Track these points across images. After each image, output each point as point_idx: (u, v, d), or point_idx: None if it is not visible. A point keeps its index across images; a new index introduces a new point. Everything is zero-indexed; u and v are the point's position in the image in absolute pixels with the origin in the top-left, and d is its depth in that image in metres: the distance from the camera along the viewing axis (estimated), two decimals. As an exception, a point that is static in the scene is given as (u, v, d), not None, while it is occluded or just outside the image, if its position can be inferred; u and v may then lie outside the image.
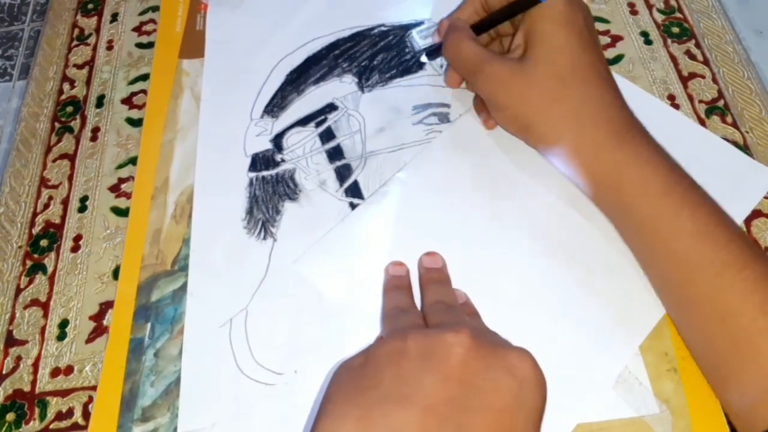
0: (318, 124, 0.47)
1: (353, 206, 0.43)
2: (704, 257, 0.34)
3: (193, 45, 0.52)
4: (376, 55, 0.50)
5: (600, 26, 0.51)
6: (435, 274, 0.39)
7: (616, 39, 0.50)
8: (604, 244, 0.40)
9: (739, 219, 0.41)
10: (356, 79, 0.49)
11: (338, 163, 0.45)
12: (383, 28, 0.51)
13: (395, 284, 0.39)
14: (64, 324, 0.41)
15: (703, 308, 0.34)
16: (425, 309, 0.36)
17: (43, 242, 0.45)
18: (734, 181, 0.42)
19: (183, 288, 0.41)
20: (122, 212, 0.45)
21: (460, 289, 0.39)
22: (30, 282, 0.43)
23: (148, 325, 0.40)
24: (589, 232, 0.40)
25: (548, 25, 0.38)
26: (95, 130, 0.50)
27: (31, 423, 0.38)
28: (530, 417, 0.28)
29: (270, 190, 0.44)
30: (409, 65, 0.49)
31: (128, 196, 0.46)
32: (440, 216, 0.42)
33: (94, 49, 0.54)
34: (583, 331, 0.38)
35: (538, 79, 0.38)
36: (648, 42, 0.50)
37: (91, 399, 0.39)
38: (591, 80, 0.38)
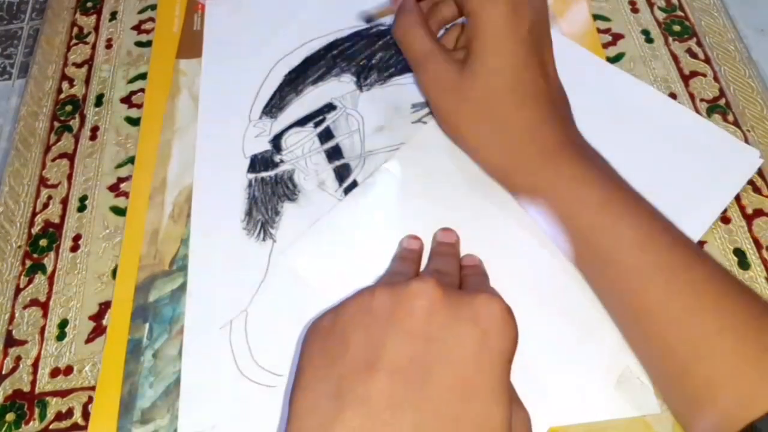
0: (317, 124, 0.47)
1: (352, 206, 0.43)
2: (650, 264, 0.33)
3: (190, 45, 0.52)
4: (375, 54, 0.50)
5: (600, 24, 0.51)
6: (444, 248, 0.39)
7: (617, 37, 0.50)
8: None
9: (726, 200, 0.42)
10: (355, 78, 0.49)
11: (337, 163, 0.45)
12: (381, 28, 0.51)
13: (403, 255, 0.39)
14: (63, 324, 0.41)
15: (659, 316, 0.33)
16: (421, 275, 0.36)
17: (43, 242, 0.45)
18: (722, 162, 0.43)
19: (181, 288, 0.41)
20: (121, 212, 0.45)
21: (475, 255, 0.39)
22: (29, 282, 0.43)
23: (147, 326, 0.40)
24: None
25: (490, 34, 0.37)
26: (94, 129, 0.50)
27: (31, 423, 0.38)
28: (496, 364, 0.28)
29: (269, 191, 0.44)
30: (408, 63, 0.49)
31: (128, 195, 0.46)
32: (428, 206, 0.42)
33: (93, 47, 0.54)
34: (574, 324, 0.38)
35: (473, 95, 0.38)
36: (649, 40, 0.50)
37: (90, 399, 0.39)
38: (525, 100, 0.37)
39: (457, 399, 0.27)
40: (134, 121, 0.49)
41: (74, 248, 0.44)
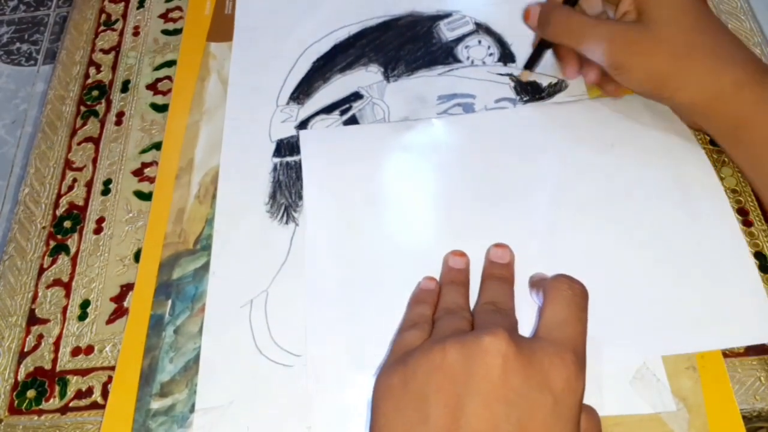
0: (343, 112, 0.47)
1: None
2: None
3: (221, 28, 0.53)
4: (403, 45, 0.50)
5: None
6: (497, 270, 0.37)
7: (643, 35, 0.50)
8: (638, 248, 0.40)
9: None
10: (382, 69, 0.49)
11: (362, 151, 0.45)
12: (411, 19, 0.51)
13: (451, 279, 0.38)
14: (85, 304, 0.42)
15: None
16: (476, 308, 0.36)
17: (67, 223, 0.45)
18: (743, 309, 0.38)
19: (204, 267, 0.41)
20: (145, 196, 0.45)
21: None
22: (53, 262, 0.44)
23: (169, 302, 0.40)
24: (618, 237, 0.40)
25: None
26: (120, 115, 0.50)
27: (51, 400, 0.38)
28: (568, 425, 0.28)
29: (293, 176, 0.44)
30: (435, 56, 0.49)
31: (151, 180, 0.46)
32: (448, 173, 0.43)
33: (121, 34, 0.55)
34: (593, 320, 0.37)
35: (666, 36, 0.38)
36: (676, 38, 0.50)
37: (110, 379, 0.39)
38: (719, 30, 0.39)
39: None
40: (159, 108, 0.50)
41: (97, 230, 0.44)
